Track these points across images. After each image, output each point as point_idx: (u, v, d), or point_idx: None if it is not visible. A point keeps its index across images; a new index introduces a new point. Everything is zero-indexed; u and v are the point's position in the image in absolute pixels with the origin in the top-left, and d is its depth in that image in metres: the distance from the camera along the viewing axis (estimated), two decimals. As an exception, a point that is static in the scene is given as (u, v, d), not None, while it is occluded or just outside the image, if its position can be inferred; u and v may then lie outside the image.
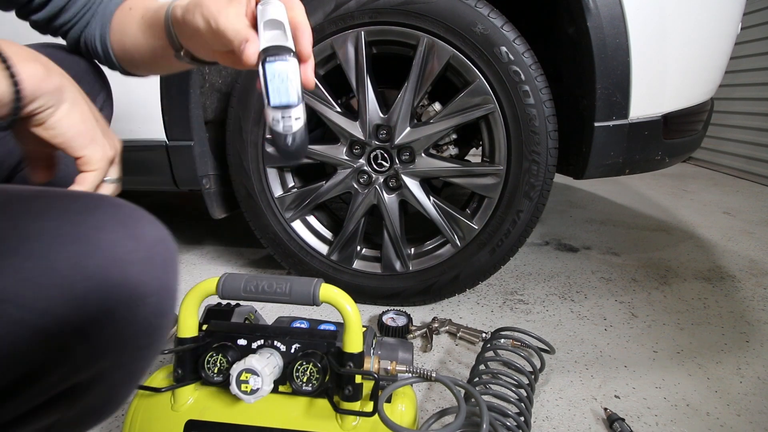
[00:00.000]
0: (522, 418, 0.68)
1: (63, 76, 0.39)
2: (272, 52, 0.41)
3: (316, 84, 1.03)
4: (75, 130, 0.39)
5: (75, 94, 0.40)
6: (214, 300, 0.65)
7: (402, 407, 0.58)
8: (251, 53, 0.42)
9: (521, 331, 0.88)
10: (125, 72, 0.63)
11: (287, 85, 0.40)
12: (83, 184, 0.41)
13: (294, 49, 0.42)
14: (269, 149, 1.10)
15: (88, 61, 0.64)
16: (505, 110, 0.97)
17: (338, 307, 0.54)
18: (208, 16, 0.44)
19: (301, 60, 0.43)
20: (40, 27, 0.59)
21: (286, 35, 0.42)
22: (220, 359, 0.58)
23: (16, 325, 0.29)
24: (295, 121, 0.41)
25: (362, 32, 0.98)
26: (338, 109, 1.05)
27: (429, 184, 1.13)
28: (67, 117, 0.39)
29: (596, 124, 0.95)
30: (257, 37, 0.42)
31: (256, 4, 0.45)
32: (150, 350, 0.39)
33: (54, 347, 0.31)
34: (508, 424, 0.67)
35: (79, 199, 0.35)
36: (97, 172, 0.42)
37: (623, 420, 0.74)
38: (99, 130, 0.41)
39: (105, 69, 0.65)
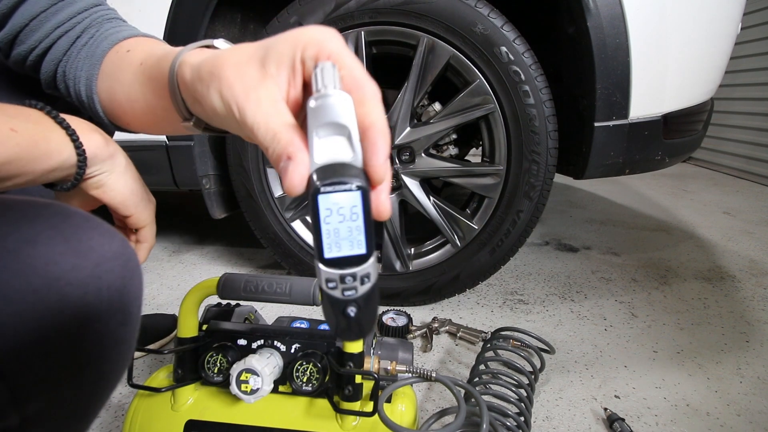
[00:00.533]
0: (522, 418, 0.68)
1: (117, 145, 0.42)
2: (330, 175, 0.26)
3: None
4: (128, 190, 0.43)
5: (126, 160, 0.43)
6: (214, 300, 0.65)
7: (402, 407, 0.58)
8: (296, 180, 0.26)
9: (521, 331, 0.88)
10: (113, 126, 0.51)
11: (352, 228, 0.26)
12: (145, 241, 0.46)
13: (363, 170, 0.28)
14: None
15: None
16: (505, 110, 0.97)
17: (338, 307, 0.54)
18: (228, 100, 0.29)
19: (372, 184, 0.28)
20: (6, 57, 0.47)
21: (352, 146, 0.27)
22: (220, 359, 0.57)
23: None
24: (361, 282, 0.27)
25: (362, 32, 0.98)
26: (338, 109, 1.04)
27: (429, 184, 1.13)
28: (121, 179, 0.42)
29: (596, 124, 0.95)
30: (305, 149, 0.27)
31: (305, 87, 0.30)
32: (99, 386, 0.34)
33: None
34: (508, 424, 0.67)
35: (14, 207, 0.30)
36: (149, 227, 0.46)
37: (623, 420, 0.74)
38: (144, 191, 0.45)
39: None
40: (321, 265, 0.27)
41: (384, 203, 0.29)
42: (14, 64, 0.47)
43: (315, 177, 0.26)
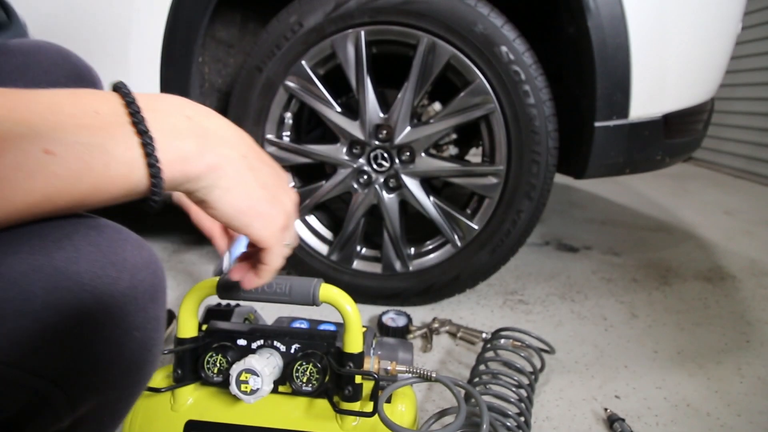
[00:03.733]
0: (522, 419, 0.67)
1: (221, 146, 0.33)
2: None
3: (316, 83, 1.03)
4: (236, 208, 0.34)
5: (237, 165, 0.34)
6: (214, 300, 0.65)
7: (402, 407, 0.58)
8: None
9: (521, 331, 0.88)
10: None
11: None
12: (266, 263, 0.39)
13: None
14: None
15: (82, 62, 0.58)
16: (505, 110, 0.96)
17: (338, 307, 0.54)
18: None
19: None
20: None
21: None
22: (220, 359, 0.57)
23: None
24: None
25: (362, 32, 0.98)
26: (338, 109, 1.05)
27: (429, 184, 1.13)
28: (227, 195, 0.33)
29: (596, 124, 0.95)
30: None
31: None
32: (137, 387, 0.36)
33: (29, 398, 0.28)
34: (508, 424, 0.66)
35: (54, 226, 0.30)
36: (270, 251, 0.38)
37: (623, 420, 0.74)
38: (266, 201, 0.36)
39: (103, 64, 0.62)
40: None
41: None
42: None
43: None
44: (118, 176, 0.27)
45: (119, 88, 0.29)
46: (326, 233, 1.19)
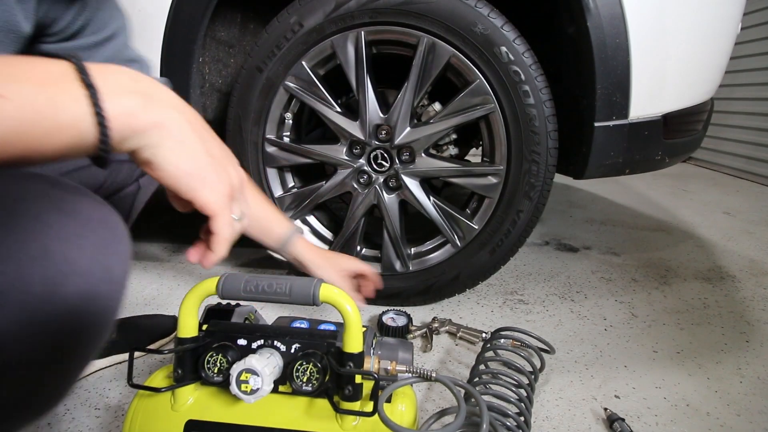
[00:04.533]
0: (522, 418, 0.68)
1: (167, 108, 0.34)
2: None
3: (316, 84, 1.03)
4: (181, 170, 0.34)
5: (182, 127, 0.34)
6: (214, 300, 0.65)
7: (402, 407, 0.58)
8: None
9: (521, 331, 0.88)
10: None
11: None
12: (216, 237, 0.39)
13: None
14: None
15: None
16: (505, 110, 0.97)
17: (338, 307, 0.54)
18: None
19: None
20: None
21: None
22: (220, 359, 0.57)
23: None
24: None
25: (362, 32, 0.98)
26: (338, 109, 1.05)
27: (429, 184, 1.13)
28: (171, 156, 0.33)
29: (596, 124, 0.95)
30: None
31: None
32: (75, 348, 0.34)
33: None
34: (508, 424, 0.67)
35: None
36: (217, 218, 0.38)
37: (623, 420, 0.74)
38: (212, 168, 0.36)
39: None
40: None
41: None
42: None
43: None
44: (67, 125, 0.29)
45: (70, 57, 0.31)
46: (326, 233, 1.19)
